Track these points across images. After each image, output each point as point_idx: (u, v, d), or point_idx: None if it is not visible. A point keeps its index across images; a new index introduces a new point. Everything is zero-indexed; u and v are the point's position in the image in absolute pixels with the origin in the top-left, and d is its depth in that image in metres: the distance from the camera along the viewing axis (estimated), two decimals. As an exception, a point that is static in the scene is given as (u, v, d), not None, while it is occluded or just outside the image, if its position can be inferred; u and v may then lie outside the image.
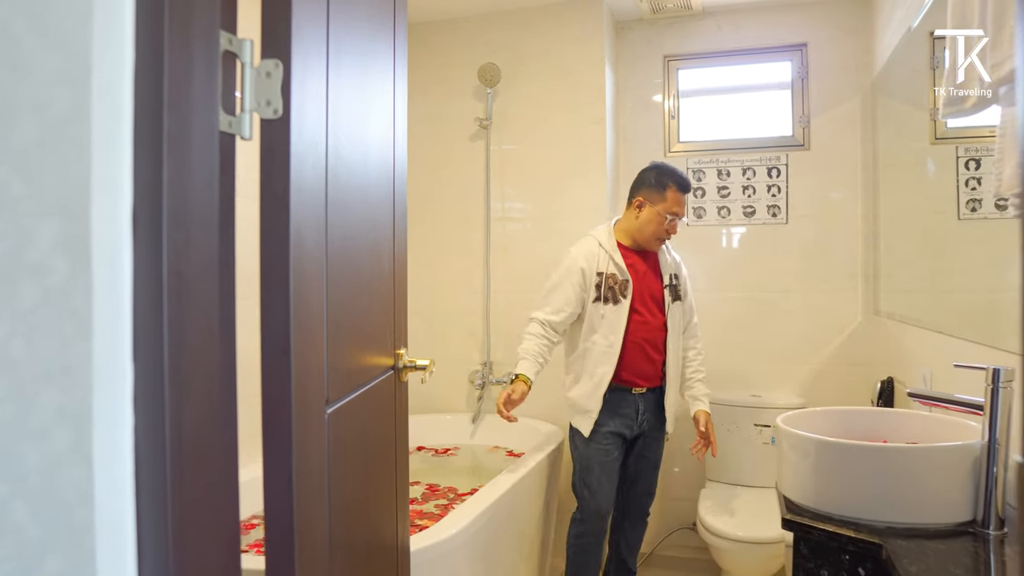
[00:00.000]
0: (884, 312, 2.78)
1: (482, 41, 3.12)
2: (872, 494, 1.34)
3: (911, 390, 1.45)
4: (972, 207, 2.22)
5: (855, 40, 2.91)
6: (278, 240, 0.78)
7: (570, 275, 2.35)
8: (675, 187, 2.36)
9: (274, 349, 0.78)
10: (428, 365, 1.40)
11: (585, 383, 2.35)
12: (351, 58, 1.05)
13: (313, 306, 0.87)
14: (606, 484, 2.37)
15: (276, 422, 0.77)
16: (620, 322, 2.33)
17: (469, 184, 3.18)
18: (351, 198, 1.05)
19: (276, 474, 0.77)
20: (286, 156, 0.78)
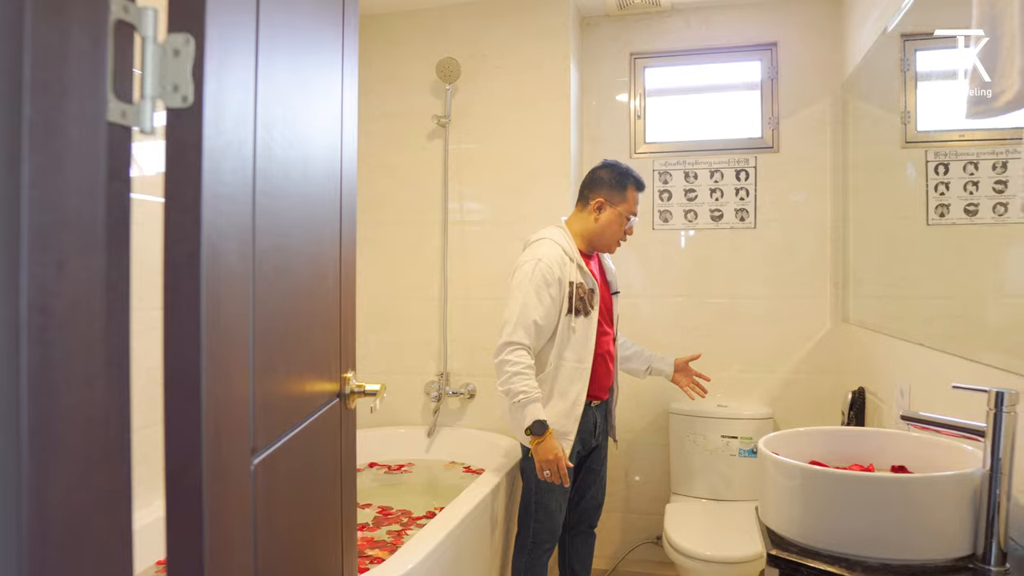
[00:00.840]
0: (853, 320, 2.71)
1: (441, 34, 2.97)
2: (865, 528, 1.23)
3: (904, 413, 1.35)
4: (941, 212, 2.16)
5: (826, 40, 2.84)
6: (185, 256, 0.62)
7: (549, 286, 2.11)
8: (634, 186, 2.27)
9: (178, 394, 0.62)
10: (379, 390, 1.24)
11: (558, 403, 2.14)
12: (289, 44, 0.89)
13: (235, 334, 0.72)
14: (564, 505, 2.25)
15: (180, 490, 0.61)
16: (591, 336, 2.18)
17: (426, 185, 3.02)
18: (287, 204, 0.90)
19: (182, 557, 0.61)
20: (197, 154, 0.63)
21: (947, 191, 2.12)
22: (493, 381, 2.87)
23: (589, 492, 2.39)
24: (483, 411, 2.92)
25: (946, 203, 2.13)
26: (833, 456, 1.53)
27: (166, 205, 0.63)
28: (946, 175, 2.17)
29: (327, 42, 1.12)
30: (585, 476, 2.37)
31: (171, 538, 0.62)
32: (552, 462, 2.03)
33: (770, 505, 1.39)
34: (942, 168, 2.19)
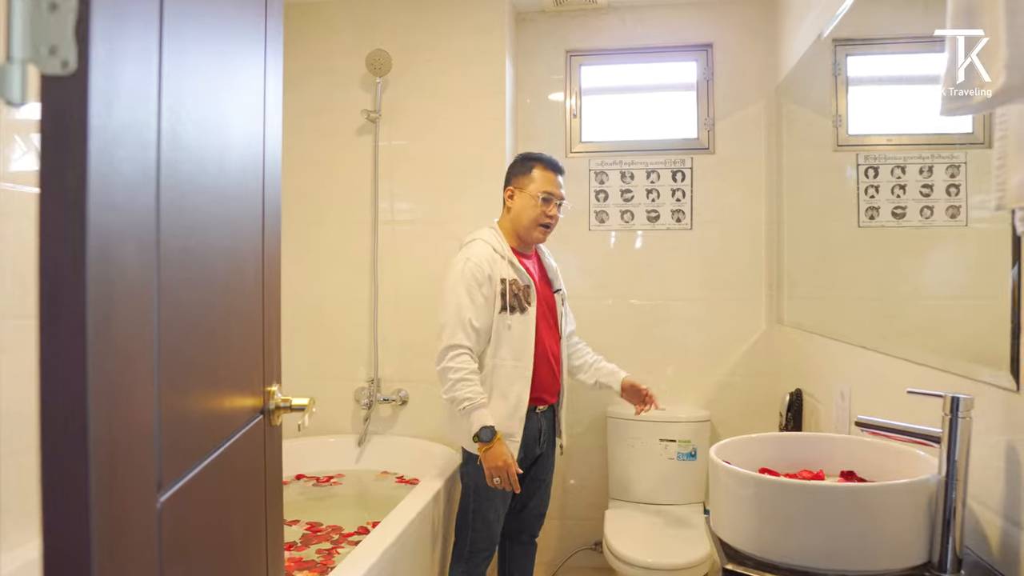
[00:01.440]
0: (788, 321, 2.73)
1: (371, 26, 2.83)
2: (823, 539, 1.19)
3: (859, 419, 1.32)
4: (871, 215, 2.19)
5: (761, 43, 2.84)
6: (68, 261, 0.50)
7: (480, 286, 2.06)
8: (542, 166, 2.19)
9: (56, 428, 0.50)
10: (307, 405, 1.13)
11: (499, 405, 2.06)
12: (202, 16, 0.77)
13: (134, 352, 0.60)
14: (503, 513, 2.17)
15: (61, 553, 0.49)
16: (529, 333, 2.11)
17: (354, 183, 2.88)
18: (201, 200, 0.78)
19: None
20: (83, 133, 0.51)
21: (877, 194, 2.15)
22: (426, 387, 2.78)
23: (532, 501, 2.31)
24: (416, 418, 2.80)
25: (876, 206, 2.15)
26: (783, 462, 1.49)
27: (41, 198, 0.50)
28: (875, 178, 2.19)
29: (247, 19, 1.00)
30: (530, 484, 2.28)
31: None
32: (502, 468, 1.97)
33: (723, 516, 1.34)
34: (872, 171, 2.22)
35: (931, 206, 1.90)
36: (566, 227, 2.89)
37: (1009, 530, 1.15)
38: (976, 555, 1.23)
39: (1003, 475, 1.17)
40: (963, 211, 1.80)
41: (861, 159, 2.29)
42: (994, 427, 1.19)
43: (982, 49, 0.76)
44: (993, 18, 0.74)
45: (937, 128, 2.01)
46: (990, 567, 1.19)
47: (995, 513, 1.19)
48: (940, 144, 1.93)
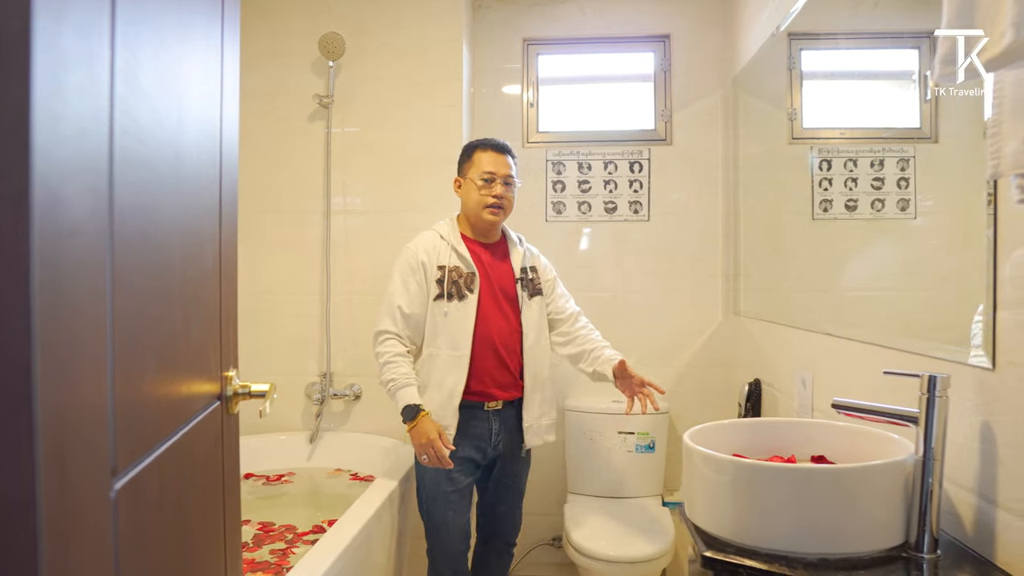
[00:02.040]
0: (744, 312, 2.74)
1: (324, 8, 2.73)
2: (802, 523, 1.17)
3: (836, 401, 1.31)
4: (825, 207, 2.21)
5: (718, 35, 2.85)
6: (8, 202, 0.43)
7: (412, 272, 2.05)
8: (481, 148, 2.14)
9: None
10: (268, 391, 1.05)
11: (434, 394, 2.01)
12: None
13: (85, 320, 0.52)
14: (454, 518, 2.06)
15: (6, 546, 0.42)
16: (467, 321, 2.03)
17: (305, 170, 2.77)
18: (158, 155, 0.70)
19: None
20: (24, 39, 0.43)
21: (830, 187, 2.17)
22: (380, 381, 2.70)
23: (500, 507, 2.22)
24: (370, 413, 2.71)
25: (829, 198, 2.18)
26: (754, 448, 1.47)
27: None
28: (829, 171, 2.22)
29: None
30: (496, 489, 2.20)
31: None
32: (426, 445, 1.91)
33: (698, 503, 1.31)
34: (825, 164, 2.24)
35: (882, 199, 1.92)
36: (523, 218, 2.85)
37: (984, 507, 1.15)
38: (950, 535, 1.23)
39: (978, 454, 1.17)
40: (912, 204, 1.84)
41: (815, 152, 2.31)
42: (969, 407, 1.19)
43: (983, 8, 0.74)
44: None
45: (887, 123, 2.05)
46: (964, 546, 1.19)
47: (969, 492, 1.19)
48: (889, 138, 1.96)
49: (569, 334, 2.22)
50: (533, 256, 2.27)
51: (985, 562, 1.13)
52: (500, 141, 2.18)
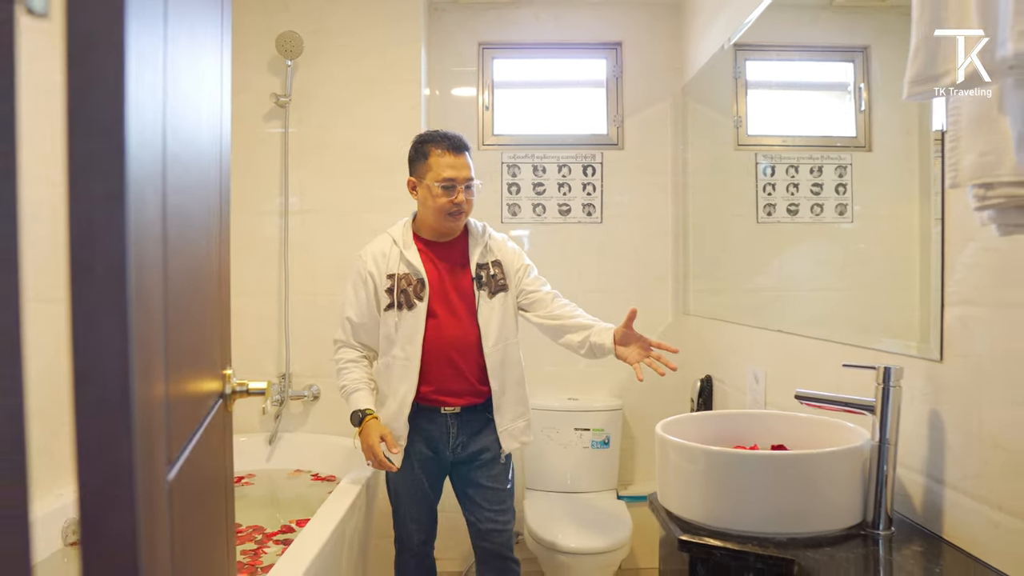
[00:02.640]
0: (693, 311, 2.85)
1: (281, 6, 2.71)
2: (770, 505, 1.25)
3: (799, 392, 1.40)
4: (768, 211, 2.31)
5: (668, 44, 2.95)
6: (102, 200, 0.44)
7: (362, 283, 2.02)
8: (438, 148, 1.97)
9: (100, 402, 0.44)
10: (266, 388, 1.06)
11: (391, 403, 1.99)
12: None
13: (154, 317, 0.54)
14: (414, 514, 2.07)
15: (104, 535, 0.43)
16: (417, 330, 1.97)
17: (262, 170, 2.74)
18: (187, 157, 0.71)
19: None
20: (118, 56, 0.45)
21: (773, 191, 2.28)
22: (339, 382, 2.69)
23: (484, 514, 2.06)
24: (329, 413, 2.70)
25: (772, 203, 2.28)
26: (719, 439, 1.54)
27: (69, 124, 0.44)
28: (772, 176, 2.32)
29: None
30: (475, 494, 2.06)
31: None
32: (367, 449, 1.92)
33: (672, 490, 1.37)
34: (769, 170, 2.35)
35: (821, 204, 2.04)
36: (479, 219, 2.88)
37: (933, 488, 1.25)
38: (902, 514, 1.33)
39: (927, 439, 1.28)
40: (849, 209, 1.96)
41: (759, 158, 2.42)
42: (919, 396, 1.30)
43: (948, 35, 0.83)
44: (963, 9, 0.80)
45: (826, 131, 2.17)
46: (915, 523, 1.30)
47: (920, 474, 1.30)
48: (827, 146, 2.08)
49: (550, 313, 2.08)
50: (497, 246, 2.11)
51: (934, 536, 1.23)
52: (456, 137, 2.01)
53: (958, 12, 0.82)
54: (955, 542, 1.19)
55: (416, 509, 2.07)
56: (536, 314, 2.09)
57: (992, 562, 1.09)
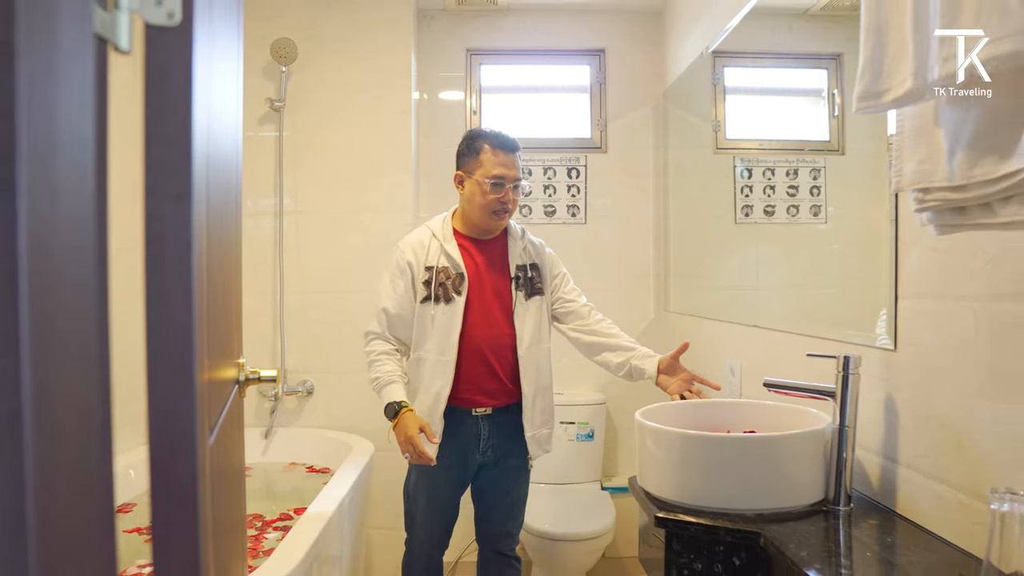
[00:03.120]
0: (674, 308, 2.96)
1: (276, 13, 2.79)
2: (740, 484, 1.36)
3: (767, 380, 1.51)
4: (746, 212, 2.42)
5: (649, 51, 3.07)
6: (173, 199, 0.54)
7: (400, 273, 1.98)
8: (490, 145, 1.97)
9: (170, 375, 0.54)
10: (277, 375, 1.15)
11: (422, 398, 1.95)
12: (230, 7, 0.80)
13: (202, 303, 0.63)
14: (432, 519, 2.03)
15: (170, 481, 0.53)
16: (454, 325, 1.94)
17: (257, 172, 2.82)
18: (223, 174, 0.81)
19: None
20: (186, 82, 0.54)
21: (751, 193, 2.38)
22: (333, 377, 2.78)
23: (494, 516, 2.08)
24: (323, 408, 2.79)
25: (750, 204, 2.38)
26: (695, 426, 1.64)
27: (146, 137, 0.54)
28: (749, 179, 2.43)
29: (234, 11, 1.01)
30: (490, 495, 2.07)
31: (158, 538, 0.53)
32: (406, 442, 1.82)
33: (650, 472, 1.48)
34: (747, 173, 2.45)
35: (797, 205, 2.14)
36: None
37: (888, 466, 1.37)
38: (860, 492, 1.45)
39: (883, 422, 1.39)
40: (823, 210, 2.06)
41: (737, 161, 2.53)
42: (875, 383, 1.41)
43: (891, 56, 0.94)
44: (900, 33, 0.91)
45: (801, 135, 2.28)
46: (871, 499, 1.41)
47: (876, 454, 1.41)
48: (802, 150, 2.19)
49: (587, 326, 2.09)
50: (536, 251, 2.11)
51: (888, 511, 1.34)
52: (510, 137, 2.01)
53: (897, 39, 0.93)
54: (907, 515, 1.30)
55: (433, 521, 2.03)
56: (571, 326, 2.10)
57: (936, 531, 1.21)
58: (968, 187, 0.87)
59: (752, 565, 1.31)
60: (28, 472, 0.39)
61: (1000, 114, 0.81)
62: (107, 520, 0.49)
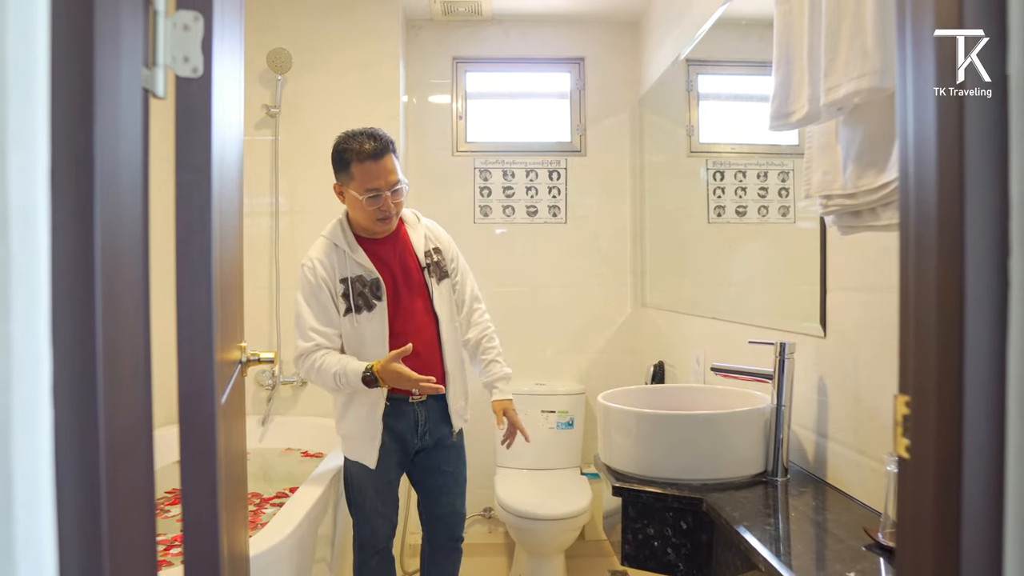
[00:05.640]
0: (650, 304, 3.13)
1: (271, 25, 2.94)
2: (687, 457, 1.52)
3: (714, 365, 1.68)
4: (718, 212, 2.56)
5: (626, 59, 3.23)
6: (198, 217, 0.70)
7: (316, 290, 1.96)
8: (357, 160, 1.92)
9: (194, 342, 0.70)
10: (274, 358, 1.31)
11: (359, 408, 1.98)
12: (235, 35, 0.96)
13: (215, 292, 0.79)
14: (382, 510, 2.04)
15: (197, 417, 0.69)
16: (381, 330, 1.96)
17: (254, 175, 2.98)
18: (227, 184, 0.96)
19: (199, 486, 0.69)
20: (206, 121, 0.71)
21: (723, 194, 2.53)
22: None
23: (442, 498, 2.12)
24: (316, 398, 2.94)
25: (722, 205, 2.53)
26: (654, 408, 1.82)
27: (178, 164, 0.70)
28: (722, 181, 2.57)
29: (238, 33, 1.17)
30: (431, 478, 2.11)
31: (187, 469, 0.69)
32: (405, 381, 1.85)
33: (611, 448, 1.65)
34: (719, 175, 2.60)
35: (766, 206, 2.29)
36: (453, 220, 3.14)
37: (820, 442, 1.54)
38: (796, 464, 1.61)
39: (815, 402, 1.56)
40: (791, 211, 2.22)
41: (710, 164, 2.68)
42: (809, 366, 1.58)
43: (795, 85, 1.10)
44: (800, 65, 1.08)
45: (770, 139, 2.43)
46: (805, 471, 1.58)
47: (809, 431, 1.58)
48: (772, 153, 2.34)
49: (468, 322, 2.19)
50: (434, 234, 2.14)
51: (820, 481, 1.51)
52: (375, 140, 1.94)
53: (798, 71, 1.09)
54: (834, 483, 1.47)
55: (384, 504, 2.04)
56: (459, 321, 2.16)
57: (855, 495, 1.38)
58: (857, 195, 1.04)
59: (697, 528, 1.48)
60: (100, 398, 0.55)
61: (876, 135, 0.97)
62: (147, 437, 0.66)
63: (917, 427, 0.62)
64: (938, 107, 0.59)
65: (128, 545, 0.60)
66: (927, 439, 0.60)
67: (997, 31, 0.56)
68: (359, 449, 2.00)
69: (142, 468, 0.64)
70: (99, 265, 0.56)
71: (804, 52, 1.06)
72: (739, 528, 1.25)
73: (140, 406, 0.63)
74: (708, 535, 1.47)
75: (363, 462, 1.99)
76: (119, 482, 0.59)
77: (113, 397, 0.57)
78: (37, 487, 0.54)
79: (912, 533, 0.63)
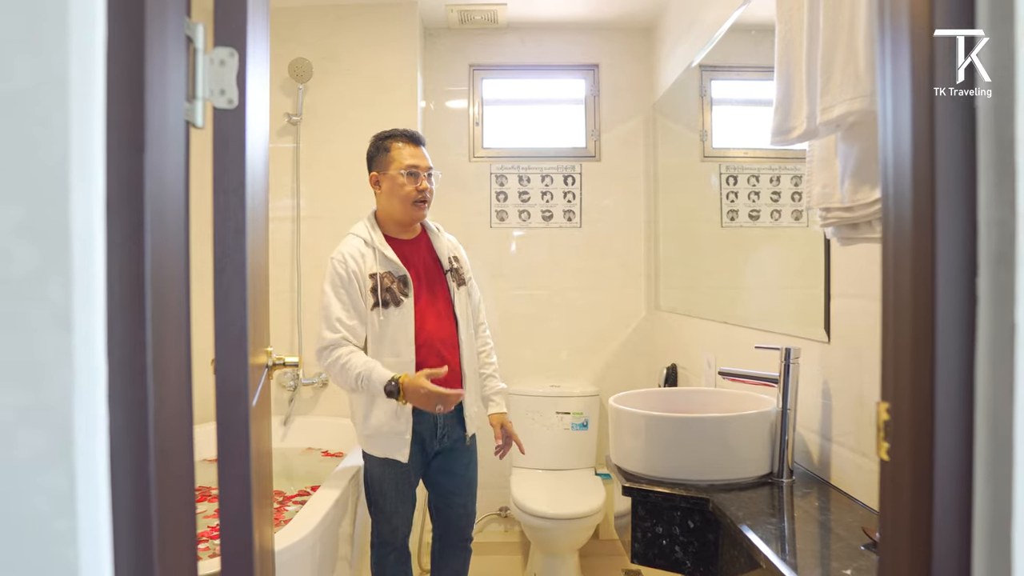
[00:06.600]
0: (663, 307, 3.17)
1: (292, 35, 3.02)
2: (696, 458, 1.57)
3: (721, 369, 1.72)
4: (731, 216, 2.60)
5: (640, 66, 3.28)
6: (233, 235, 0.77)
7: (344, 283, 2.00)
8: (398, 141, 2.09)
9: (229, 340, 0.76)
10: (299, 361, 1.38)
11: (384, 404, 1.99)
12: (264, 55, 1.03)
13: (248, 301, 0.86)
14: (401, 509, 2.09)
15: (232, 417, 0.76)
16: (407, 327, 2.01)
17: (276, 181, 3.06)
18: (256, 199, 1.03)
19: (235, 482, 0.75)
20: (241, 148, 0.77)
21: (736, 199, 2.56)
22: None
23: (455, 500, 2.17)
24: (336, 398, 3.01)
25: (735, 209, 2.56)
26: (665, 411, 1.87)
27: (215, 187, 0.76)
28: (735, 185, 2.60)
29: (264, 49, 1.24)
30: (446, 480, 2.15)
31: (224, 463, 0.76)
32: (428, 398, 1.87)
33: (621, 449, 1.70)
34: (732, 179, 2.63)
35: (779, 210, 2.32)
36: (469, 225, 3.22)
37: (824, 444, 1.58)
38: (802, 466, 1.66)
39: (820, 406, 1.60)
40: (805, 215, 2.25)
41: (723, 168, 2.72)
42: (814, 371, 1.62)
43: (795, 102, 1.15)
44: (799, 83, 1.13)
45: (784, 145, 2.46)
46: (810, 472, 1.62)
47: (814, 433, 1.62)
48: (785, 157, 2.38)
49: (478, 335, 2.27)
50: (453, 244, 2.23)
51: (824, 482, 1.55)
52: (412, 131, 2.11)
53: (798, 89, 1.14)
54: (838, 485, 1.51)
55: (403, 503, 2.09)
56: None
57: (858, 496, 1.42)
58: (854, 208, 1.09)
59: (704, 528, 1.52)
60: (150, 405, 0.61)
61: (870, 152, 1.02)
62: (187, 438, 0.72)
63: (895, 432, 0.67)
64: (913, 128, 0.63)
65: (173, 537, 0.67)
66: (903, 442, 0.65)
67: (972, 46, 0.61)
68: (389, 446, 2.01)
69: (184, 467, 0.70)
70: (149, 284, 0.62)
71: (803, 71, 1.11)
72: (743, 527, 1.30)
73: (182, 410, 0.69)
74: (715, 534, 1.52)
75: (394, 457, 2.01)
76: (165, 480, 0.65)
77: (160, 403, 0.64)
78: (95, 484, 0.60)
79: (891, 527, 0.68)
